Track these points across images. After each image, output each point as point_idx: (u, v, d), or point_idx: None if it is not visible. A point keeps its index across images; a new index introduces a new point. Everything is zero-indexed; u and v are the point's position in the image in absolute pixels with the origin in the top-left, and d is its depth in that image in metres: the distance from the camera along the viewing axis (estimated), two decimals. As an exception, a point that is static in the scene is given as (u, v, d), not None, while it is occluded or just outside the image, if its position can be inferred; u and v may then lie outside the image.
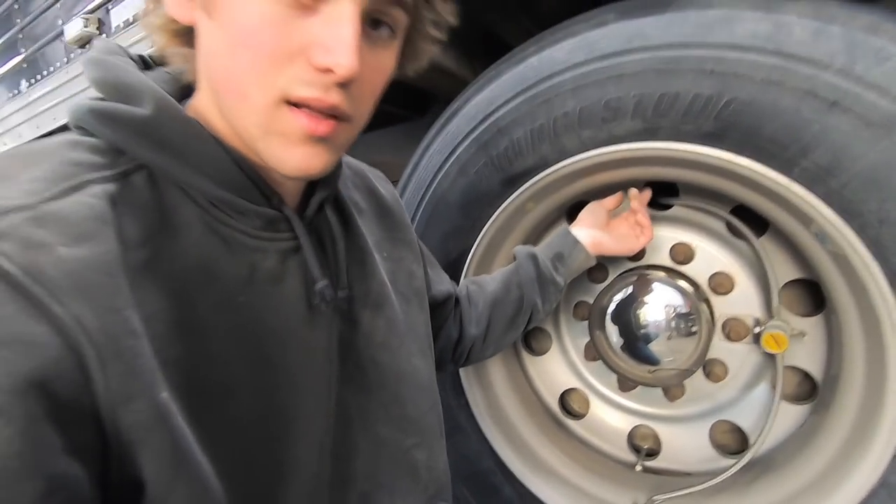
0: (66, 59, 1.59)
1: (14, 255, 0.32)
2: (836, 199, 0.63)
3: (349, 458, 0.52)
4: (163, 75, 0.48)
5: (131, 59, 0.47)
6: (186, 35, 0.44)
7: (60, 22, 1.57)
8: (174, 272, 0.39)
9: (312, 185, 0.51)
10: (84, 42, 1.49)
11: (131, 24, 1.37)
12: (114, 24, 1.42)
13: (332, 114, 0.40)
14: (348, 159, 0.67)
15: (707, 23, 0.68)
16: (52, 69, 1.64)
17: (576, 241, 0.87)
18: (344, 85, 0.39)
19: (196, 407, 0.39)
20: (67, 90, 1.59)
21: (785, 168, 0.65)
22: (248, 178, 0.44)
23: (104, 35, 1.46)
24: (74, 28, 1.47)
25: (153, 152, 0.40)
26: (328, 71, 0.38)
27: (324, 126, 0.40)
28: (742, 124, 0.67)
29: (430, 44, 0.49)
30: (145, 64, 0.49)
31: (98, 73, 0.43)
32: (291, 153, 0.41)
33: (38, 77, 1.69)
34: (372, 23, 0.41)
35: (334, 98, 0.39)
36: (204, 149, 0.42)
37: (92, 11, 1.47)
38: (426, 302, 0.67)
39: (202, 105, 0.45)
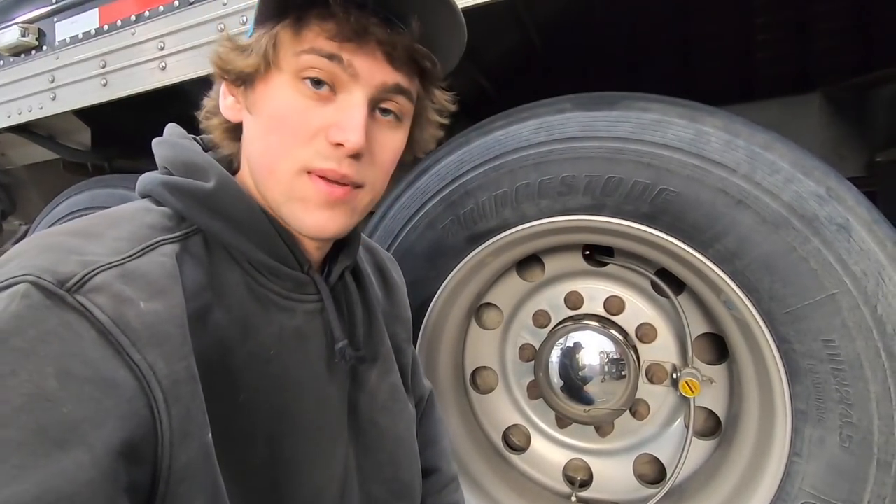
0: (-8, 65, 1.47)
1: (107, 308, 0.37)
2: (739, 277, 0.78)
3: None
4: (216, 155, 0.55)
5: (196, 140, 0.54)
6: (235, 131, 0.52)
7: (-9, 26, 1.46)
8: (219, 325, 0.45)
9: (336, 254, 0.58)
10: (20, 51, 1.40)
11: (80, 41, 1.31)
12: (58, 39, 1.35)
13: (345, 182, 0.48)
14: (364, 238, 0.73)
15: (645, 123, 0.82)
16: (-27, 73, 1.51)
17: None
18: (355, 157, 0.47)
19: (219, 451, 0.43)
20: (-8, 97, 1.47)
21: (702, 248, 0.80)
22: (287, 246, 0.50)
23: (44, 48, 1.38)
24: (10, 35, 1.38)
25: (212, 220, 0.47)
26: (340, 145, 0.46)
27: (338, 191, 0.48)
28: (672, 210, 0.81)
29: (436, 128, 0.58)
30: (203, 146, 0.56)
31: (171, 153, 0.50)
32: (310, 215, 0.48)
33: (-46, 80, 1.54)
34: (381, 110, 0.50)
35: (346, 169, 0.47)
36: (253, 219, 0.49)
37: (32, 21, 1.38)
38: (409, 378, 0.72)
39: (245, 184, 0.52)
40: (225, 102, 0.51)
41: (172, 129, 0.55)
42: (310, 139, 0.46)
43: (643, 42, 1.62)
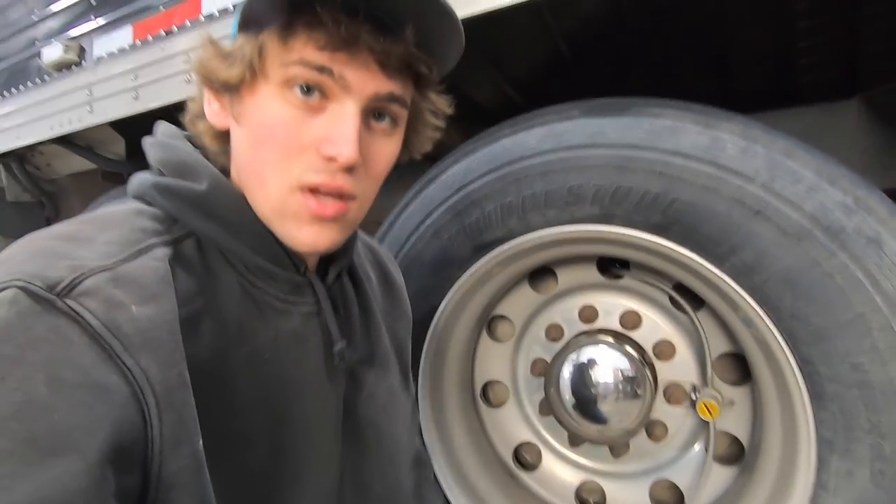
0: (38, 80, 1.57)
1: (98, 312, 0.36)
2: (758, 293, 0.73)
3: None
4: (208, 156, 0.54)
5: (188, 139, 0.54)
6: (224, 136, 0.51)
7: (37, 43, 1.56)
8: (212, 330, 0.45)
9: (331, 255, 0.56)
10: (62, 67, 1.49)
11: (116, 56, 1.38)
12: (95, 55, 1.43)
13: (340, 195, 0.46)
14: (363, 235, 0.73)
15: (657, 130, 0.78)
16: (22, 88, 1.61)
17: None
18: (349, 170, 0.46)
19: (215, 456, 0.42)
20: (38, 111, 1.57)
21: (717, 262, 0.76)
22: (282, 248, 0.49)
23: (84, 63, 1.46)
24: (53, 52, 1.46)
25: (204, 222, 0.47)
26: (333, 159, 0.44)
27: (331, 209, 0.46)
28: (684, 221, 0.77)
29: (432, 130, 0.56)
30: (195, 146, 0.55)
31: (163, 154, 0.50)
32: (302, 232, 0.47)
33: (6, 94, 1.65)
34: (375, 115, 0.48)
35: (340, 181, 0.46)
36: (247, 221, 0.48)
37: (74, 38, 1.47)
38: (410, 377, 0.71)
39: (238, 188, 0.51)
40: (210, 109, 0.50)
41: (164, 129, 0.54)
42: (301, 153, 0.45)
43: (676, 48, 1.56)
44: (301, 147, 0.45)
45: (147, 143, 0.52)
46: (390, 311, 0.69)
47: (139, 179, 0.49)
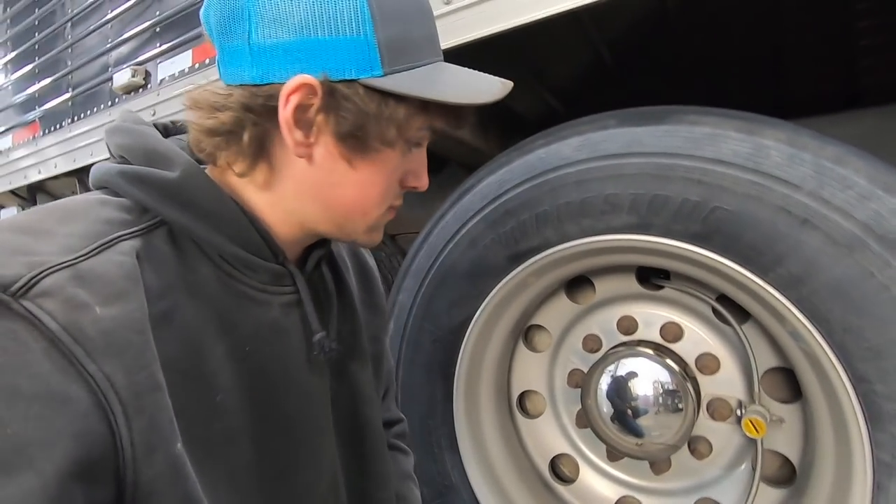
0: (110, 103, 1.71)
1: (57, 315, 0.34)
2: (806, 304, 0.70)
3: None
4: (179, 142, 0.51)
5: (155, 127, 0.52)
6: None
7: (111, 70, 1.70)
8: (189, 324, 0.43)
9: (312, 244, 0.57)
10: (130, 90, 1.62)
11: (176, 78, 1.49)
12: (159, 78, 1.55)
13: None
14: None
15: (696, 138, 0.77)
16: (95, 110, 1.76)
17: None
18: None
19: (200, 454, 0.41)
20: (107, 130, 1.71)
21: (762, 272, 0.73)
22: (261, 237, 0.49)
23: (149, 86, 1.58)
24: (123, 77, 1.60)
25: (177, 211, 0.44)
26: (415, 188, 0.53)
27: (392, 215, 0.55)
28: (726, 230, 0.75)
29: None
30: (166, 131, 0.54)
31: (128, 140, 0.46)
32: (373, 234, 0.54)
33: (81, 116, 1.81)
34: None
35: (401, 199, 0.55)
36: (224, 210, 0.46)
37: (141, 63, 1.60)
38: (382, 371, 0.70)
39: (239, 183, 0.50)
40: (293, 136, 0.44)
41: (126, 115, 0.50)
42: (395, 187, 0.52)
43: (725, 52, 1.52)
44: (399, 181, 0.52)
45: (108, 130, 0.48)
46: (366, 300, 0.68)
47: (103, 168, 0.46)
